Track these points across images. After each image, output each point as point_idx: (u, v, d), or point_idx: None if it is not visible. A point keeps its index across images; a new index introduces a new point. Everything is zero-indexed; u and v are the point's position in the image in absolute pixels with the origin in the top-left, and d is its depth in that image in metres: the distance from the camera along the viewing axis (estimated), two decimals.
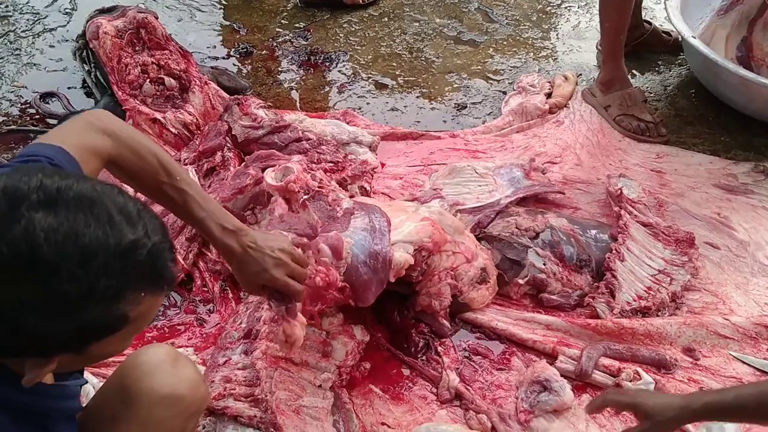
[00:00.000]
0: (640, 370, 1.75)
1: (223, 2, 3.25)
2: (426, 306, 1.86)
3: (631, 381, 1.72)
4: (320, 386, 1.67)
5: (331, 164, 2.18)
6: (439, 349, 1.83)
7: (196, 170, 2.15)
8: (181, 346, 1.82)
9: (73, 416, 1.04)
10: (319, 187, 1.84)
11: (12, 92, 2.63)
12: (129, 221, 0.85)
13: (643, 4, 2.94)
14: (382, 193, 2.30)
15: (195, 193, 1.30)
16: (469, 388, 1.74)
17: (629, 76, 2.71)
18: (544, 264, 1.96)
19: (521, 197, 2.14)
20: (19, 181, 0.81)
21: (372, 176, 2.25)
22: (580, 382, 1.77)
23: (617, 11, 2.55)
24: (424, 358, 1.82)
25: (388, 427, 1.67)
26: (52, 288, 0.79)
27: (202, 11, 3.19)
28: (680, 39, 2.78)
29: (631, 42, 2.81)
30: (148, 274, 0.87)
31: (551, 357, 1.82)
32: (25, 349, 0.84)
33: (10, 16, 3.06)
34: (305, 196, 1.78)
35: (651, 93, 2.83)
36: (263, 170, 1.96)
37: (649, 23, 2.97)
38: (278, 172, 1.86)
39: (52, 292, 0.80)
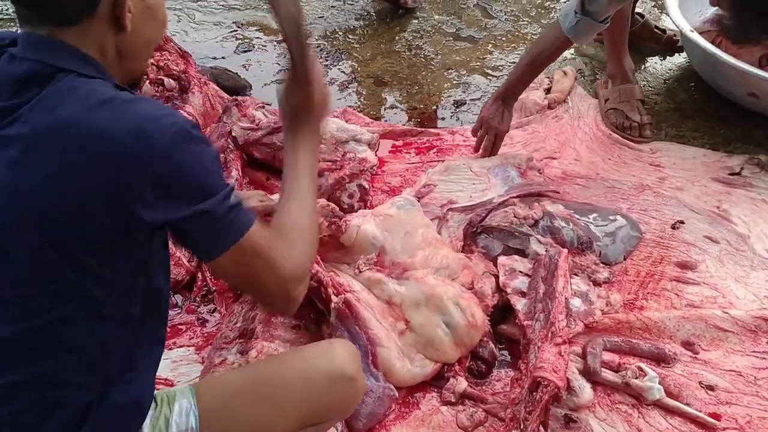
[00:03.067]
0: (643, 365, 1.74)
1: (222, 1, 3.26)
2: None
3: (636, 378, 1.72)
4: None
5: (329, 163, 2.19)
6: None
7: None
8: (182, 346, 1.84)
9: None
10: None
11: None
12: None
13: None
14: (382, 191, 2.31)
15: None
16: (475, 389, 1.74)
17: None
18: (546, 251, 1.94)
19: (514, 197, 2.13)
20: None
21: (371, 174, 2.26)
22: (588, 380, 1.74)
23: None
24: None
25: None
26: None
27: (201, 11, 3.21)
28: (678, 34, 2.78)
29: None
30: None
31: None
32: None
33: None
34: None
35: (650, 87, 2.83)
36: None
37: (642, 16, 2.96)
38: None
39: None
